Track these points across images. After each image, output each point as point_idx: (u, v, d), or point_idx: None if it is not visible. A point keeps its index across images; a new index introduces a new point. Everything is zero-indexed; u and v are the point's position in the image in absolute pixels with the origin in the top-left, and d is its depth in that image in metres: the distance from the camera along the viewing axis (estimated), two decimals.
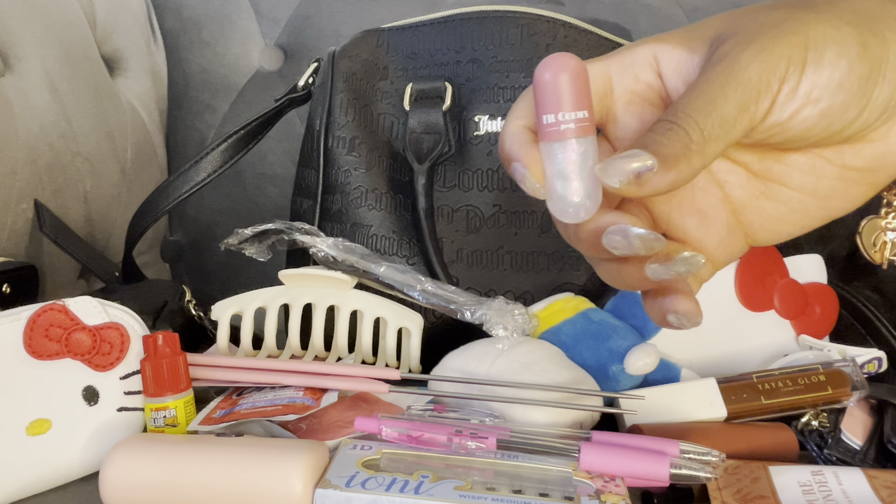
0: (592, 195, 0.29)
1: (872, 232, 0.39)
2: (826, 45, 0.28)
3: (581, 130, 0.28)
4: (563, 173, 0.28)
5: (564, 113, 0.28)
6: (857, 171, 0.32)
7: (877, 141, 0.31)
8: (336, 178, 0.61)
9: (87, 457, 0.43)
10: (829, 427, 0.45)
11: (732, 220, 0.34)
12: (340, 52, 0.63)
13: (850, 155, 0.31)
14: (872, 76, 0.29)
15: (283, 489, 0.36)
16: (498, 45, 0.61)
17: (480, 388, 0.45)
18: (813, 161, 0.32)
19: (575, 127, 0.28)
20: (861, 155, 0.31)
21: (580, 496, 0.36)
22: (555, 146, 0.28)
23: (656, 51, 0.32)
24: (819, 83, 0.28)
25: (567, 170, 0.28)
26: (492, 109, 0.60)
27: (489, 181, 0.59)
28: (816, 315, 0.55)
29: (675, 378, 0.50)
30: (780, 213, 0.33)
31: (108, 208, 0.79)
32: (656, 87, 0.32)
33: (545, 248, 0.58)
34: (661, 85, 0.32)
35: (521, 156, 0.30)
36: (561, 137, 0.28)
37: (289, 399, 0.45)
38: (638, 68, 0.32)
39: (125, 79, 0.87)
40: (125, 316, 0.45)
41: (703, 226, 0.34)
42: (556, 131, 0.28)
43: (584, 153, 0.28)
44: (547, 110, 0.28)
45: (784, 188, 0.33)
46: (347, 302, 0.53)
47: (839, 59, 0.28)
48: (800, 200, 0.33)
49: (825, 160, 0.32)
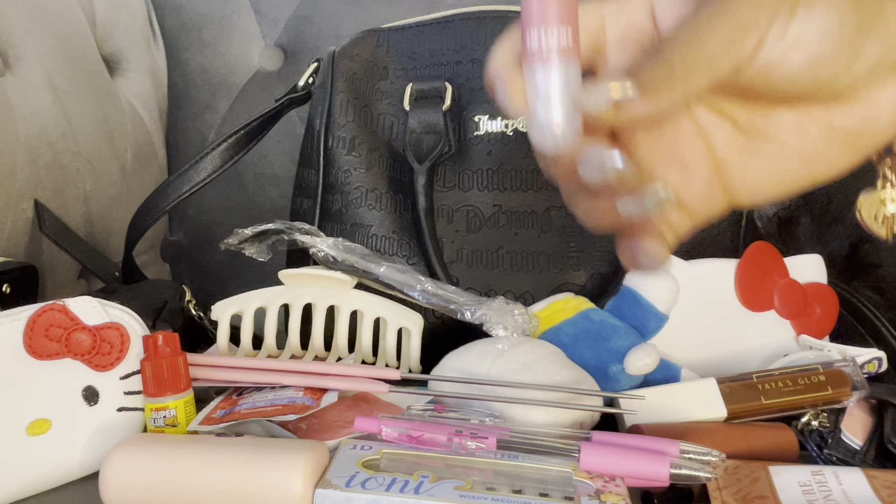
0: (573, 122, 0.28)
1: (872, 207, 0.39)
2: None
3: (565, 52, 0.28)
4: (546, 97, 0.28)
5: (549, 29, 0.27)
6: (844, 133, 0.32)
7: (866, 103, 0.31)
8: (336, 178, 0.61)
9: (87, 457, 0.43)
10: (829, 427, 0.45)
11: (714, 175, 0.34)
12: (340, 52, 0.63)
13: (838, 115, 0.31)
14: (863, 27, 0.28)
15: (283, 489, 0.36)
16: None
17: (480, 388, 0.45)
18: (800, 119, 0.32)
19: (559, 47, 0.27)
20: (849, 116, 0.31)
21: (580, 496, 0.35)
22: (538, 68, 0.28)
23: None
24: (808, 26, 0.28)
25: (550, 93, 0.28)
26: (492, 109, 0.60)
27: (489, 181, 0.59)
28: (816, 315, 0.55)
29: (675, 378, 0.50)
30: (762, 172, 0.33)
31: (108, 208, 0.79)
32: (649, 31, 0.32)
33: (545, 248, 0.58)
34: (653, 28, 0.32)
35: (503, 75, 0.30)
36: (544, 59, 0.28)
37: (289, 399, 0.45)
38: (632, 10, 0.32)
39: (125, 79, 0.87)
40: (125, 316, 0.45)
41: (684, 177, 0.34)
42: (540, 52, 0.27)
43: (566, 77, 0.28)
44: (531, 24, 0.27)
45: (769, 145, 0.33)
46: (347, 302, 0.53)
47: (830, 6, 0.28)
48: (783, 160, 0.33)
49: (812, 119, 0.32)
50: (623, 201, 0.30)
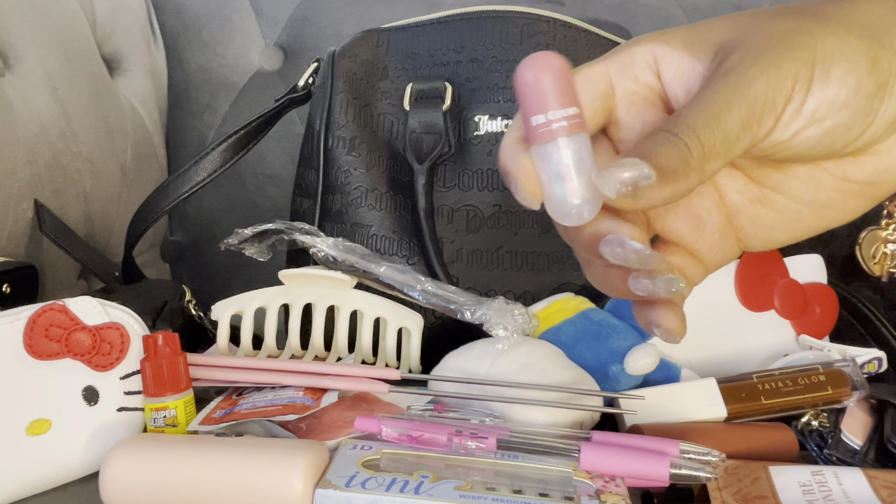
0: (592, 194, 0.28)
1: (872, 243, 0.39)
2: (834, 60, 0.27)
3: (572, 128, 0.27)
4: (559, 174, 0.27)
5: (553, 112, 0.27)
6: (858, 183, 0.31)
7: (880, 154, 0.30)
8: (336, 178, 0.61)
9: (87, 457, 0.43)
10: (829, 427, 0.45)
11: (726, 224, 0.34)
12: (340, 52, 0.63)
13: (853, 167, 0.31)
14: (880, 92, 0.28)
15: (283, 489, 0.36)
16: (498, 45, 0.61)
17: (480, 388, 0.45)
18: (813, 171, 0.32)
19: (566, 125, 0.27)
20: (863, 168, 0.31)
21: (580, 496, 0.35)
22: (547, 148, 0.27)
23: (655, 52, 0.31)
24: (825, 102, 0.28)
25: (562, 170, 0.27)
26: (492, 109, 0.60)
27: (489, 181, 0.59)
28: (816, 315, 0.55)
29: (675, 378, 0.50)
30: (773, 221, 0.33)
31: (108, 208, 0.79)
32: (656, 89, 0.32)
33: (545, 248, 0.58)
34: (660, 87, 0.31)
35: (511, 167, 0.29)
36: (552, 138, 0.27)
37: (289, 399, 0.45)
38: (637, 69, 0.31)
39: (125, 79, 0.87)
40: (125, 316, 0.45)
41: (697, 230, 0.34)
42: (546, 132, 0.27)
43: (578, 151, 0.27)
44: (533, 112, 0.27)
45: (781, 196, 0.32)
46: (347, 302, 0.53)
47: (847, 77, 0.27)
48: (795, 209, 0.32)
49: (825, 171, 0.31)
50: (637, 280, 0.29)
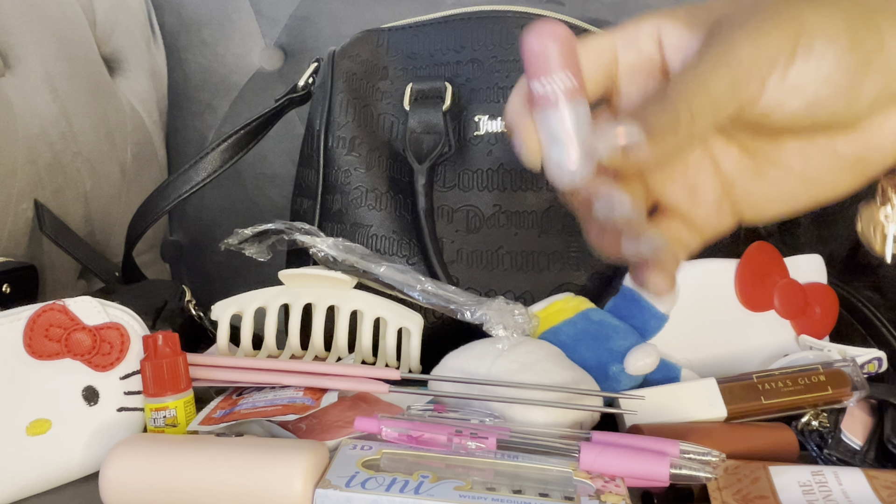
0: (586, 160, 0.29)
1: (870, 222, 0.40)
2: (816, 35, 0.29)
3: (571, 95, 0.29)
4: (557, 138, 0.29)
5: (553, 77, 0.29)
6: (848, 159, 0.32)
7: (868, 130, 0.31)
8: (336, 178, 0.61)
9: (87, 457, 0.43)
10: (829, 427, 0.45)
11: (722, 194, 0.35)
12: (340, 52, 0.63)
13: (842, 142, 0.32)
14: (862, 69, 0.29)
15: (283, 489, 0.36)
16: (498, 45, 0.61)
17: (480, 388, 0.45)
18: (804, 145, 0.33)
19: (564, 91, 0.29)
20: (853, 143, 0.32)
21: (580, 496, 0.35)
22: (547, 113, 0.29)
23: (660, 25, 0.33)
24: (806, 73, 0.29)
25: (560, 134, 0.29)
26: (492, 109, 0.60)
27: (489, 181, 0.59)
28: (816, 315, 0.55)
29: (675, 378, 0.50)
30: (767, 193, 0.35)
31: (108, 208, 0.79)
32: (657, 61, 0.33)
33: (545, 248, 0.58)
34: (661, 59, 0.33)
35: (517, 123, 0.31)
36: (552, 103, 0.29)
37: (289, 399, 0.45)
38: (642, 42, 0.33)
39: (125, 79, 0.87)
40: (125, 316, 0.45)
41: (693, 198, 0.35)
42: (547, 97, 0.29)
43: (576, 118, 0.29)
44: (536, 76, 0.29)
45: (773, 169, 0.34)
46: (347, 302, 0.53)
47: (827, 51, 0.29)
48: (787, 182, 0.34)
49: (816, 146, 0.33)
50: (625, 242, 0.31)
